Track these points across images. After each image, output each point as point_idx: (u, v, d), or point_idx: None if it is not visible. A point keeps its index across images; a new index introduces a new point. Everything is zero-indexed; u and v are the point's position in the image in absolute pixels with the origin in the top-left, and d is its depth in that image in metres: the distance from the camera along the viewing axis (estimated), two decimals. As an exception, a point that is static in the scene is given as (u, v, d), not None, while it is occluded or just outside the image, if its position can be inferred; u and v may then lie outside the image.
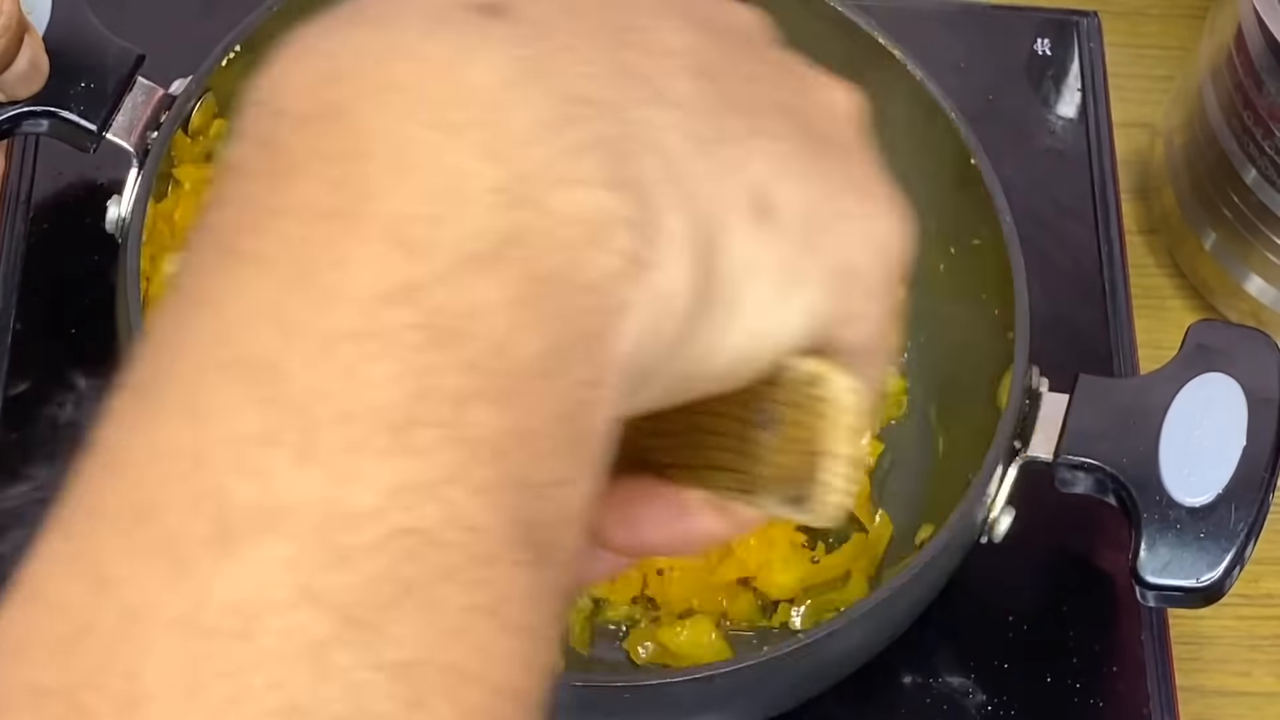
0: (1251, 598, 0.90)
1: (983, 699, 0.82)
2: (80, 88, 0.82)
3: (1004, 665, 0.83)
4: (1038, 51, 1.01)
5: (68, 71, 0.81)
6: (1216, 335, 0.79)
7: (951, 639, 0.83)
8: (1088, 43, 1.01)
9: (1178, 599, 0.75)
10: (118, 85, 0.82)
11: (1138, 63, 1.06)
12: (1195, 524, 0.75)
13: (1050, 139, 0.98)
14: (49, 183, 0.90)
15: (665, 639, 0.80)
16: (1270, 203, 0.90)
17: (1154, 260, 1.00)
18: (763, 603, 0.83)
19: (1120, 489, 0.76)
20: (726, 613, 0.83)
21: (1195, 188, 0.95)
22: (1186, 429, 0.76)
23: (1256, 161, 0.89)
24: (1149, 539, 0.75)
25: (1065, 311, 0.92)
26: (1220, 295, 0.96)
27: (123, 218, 0.79)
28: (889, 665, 0.80)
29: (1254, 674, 0.88)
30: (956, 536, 0.75)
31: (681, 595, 0.81)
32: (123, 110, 0.82)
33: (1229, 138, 0.91)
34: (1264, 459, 0.75)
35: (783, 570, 0.82)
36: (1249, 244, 0.93)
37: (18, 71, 0.79)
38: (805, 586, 0.83)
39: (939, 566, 0.76)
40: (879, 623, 0.75)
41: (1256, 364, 0.78)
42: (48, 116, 0.81)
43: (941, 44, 0.99)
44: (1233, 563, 0.74)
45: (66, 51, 0.82)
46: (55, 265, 0.88)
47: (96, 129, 0.81)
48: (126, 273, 0.77)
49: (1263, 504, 0.75)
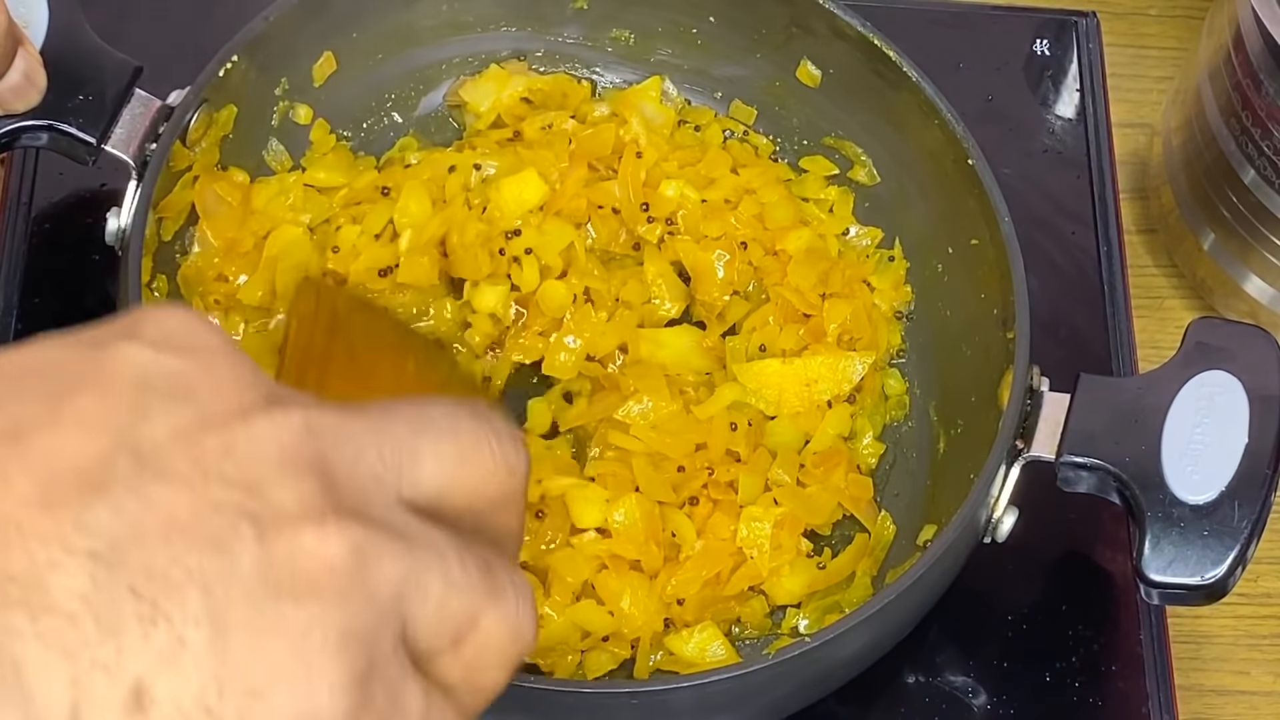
0: (1250, 597, 0.90)
1: (983, 698, 0.82)
2: (78, 100, 0.82)
3: (1004, 664, 0.83)
4: (1037, 52, 1.01)
5: (66, 85, 0.81)
6: (1216, 333, 0.79)
7: (951, 638, 0.83)
8: (1087, 43, 1.01)
9: (1182, 597, 0.75)
10: (116, 97, 0.82)
11: (1136, 63, 1.06)
12: (1198, 522, 0.75)
13: (1049, 139, 0.98)
14: (50, 188, 0.90)
15: (674, 646, 0.80)
16: (1268, 203, 0.90)
17: (1153, 260, 1.00)
18: (771, 609, 0.83)
19: (1123, 488, 0.76)
20: (737, 620, 0.83)
21: (1194, 188, 0.95)
22: (1188, 427, 0.76)
23: (1255, 162, 0.89)
24: (1153, 537, 0.75)
25: (1064, 311, 0.92)
26: (1219, 295, 0.96)
27: (122, 229, 0.80)
28: (890, 664, 0.80)
29: (1252, 673, 0.88)
30: (960, 537, 0.75)
31: (696, 609, 0.81)
32: (121, 123, 0.82)
33: (1227, 138, 0.91)
34: (1266, 456, 0.75)
35: (790, 576, 0.83)
36: (1247, 244, 0.93)
37: (10, 84, 0.79)
38: (812, 591, 0.83)
39: (943, 567, 0.76)
40: (884, 625, 0.75)
41: (1257, 361, 0.77)
42: (46, 130, 0.81)
43: (941, 44, 0.99)
44: (1236, 560, 0.74)
45: (64, 65, 0.82)
46: (56, 269, 0.88)
47: (95, 141, 0.81)
48: (128, 284, 0.78)
49: (1266, 501, 0.75)
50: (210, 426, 0.40)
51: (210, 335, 0.42)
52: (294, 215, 0.88)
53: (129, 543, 0.38)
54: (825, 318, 0.88)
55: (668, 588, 0.81)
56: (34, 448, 0.39)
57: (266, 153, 0.90)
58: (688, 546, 0.82)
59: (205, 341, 0.42)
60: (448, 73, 0.94)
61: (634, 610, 0.80)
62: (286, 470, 0.40)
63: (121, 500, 0.38)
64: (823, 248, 0.90)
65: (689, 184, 0.90)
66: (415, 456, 0.43)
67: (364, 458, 0.42)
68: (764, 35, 0.93)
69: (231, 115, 0.86)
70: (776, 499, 0.83)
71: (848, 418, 0.87)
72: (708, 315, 0.89)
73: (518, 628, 0.44)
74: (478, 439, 0.45)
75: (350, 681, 0.39)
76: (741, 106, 0.95)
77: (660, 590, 0.81)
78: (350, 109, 0.92)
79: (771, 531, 0.82)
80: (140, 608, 0.37)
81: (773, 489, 0.84)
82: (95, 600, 0.37)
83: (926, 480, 0.86)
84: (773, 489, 0.84)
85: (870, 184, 0.93)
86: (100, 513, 0.38)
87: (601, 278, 0.88)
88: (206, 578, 0.38)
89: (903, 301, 0.90)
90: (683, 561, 0.81)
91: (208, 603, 0.38)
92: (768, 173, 0.92)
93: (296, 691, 0.39)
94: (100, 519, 0.38)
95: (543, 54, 0.95)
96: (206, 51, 0.84)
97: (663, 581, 0.81)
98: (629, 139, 0.91)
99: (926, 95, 0.86)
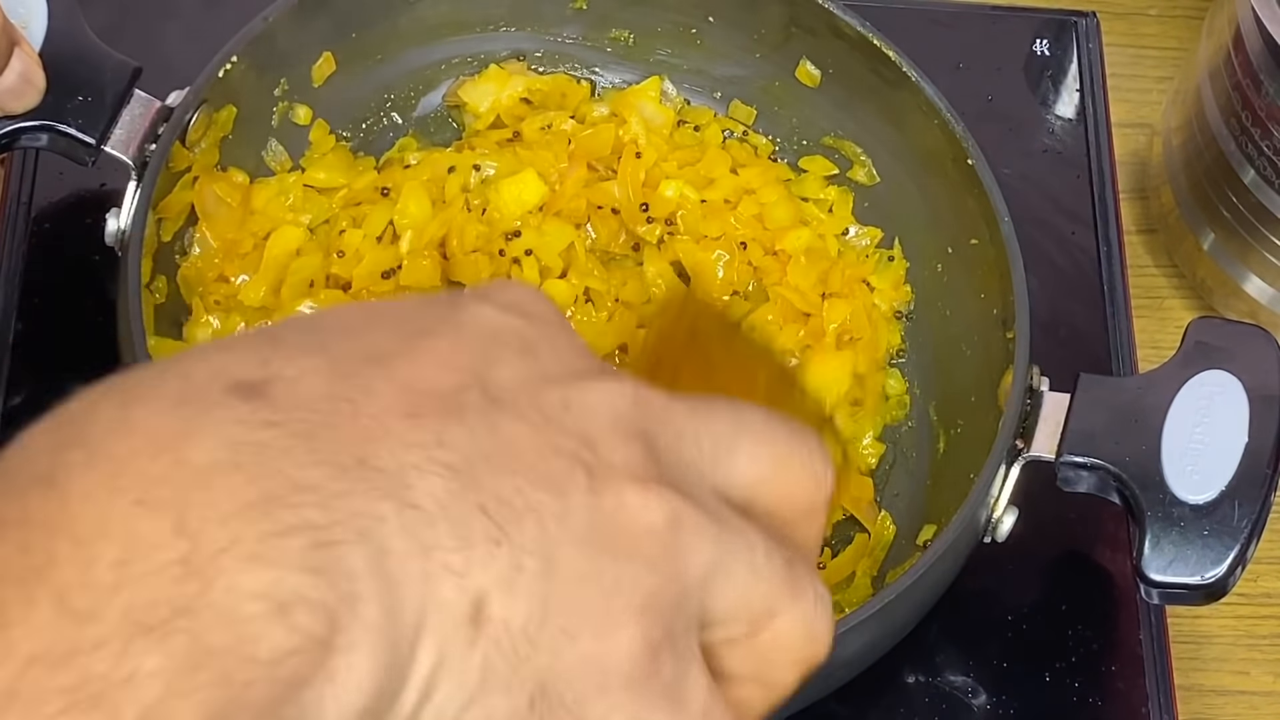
0: (1250, 597, 0.90)
1: (983, 698, 0.82)
2: (78, 101, 0.81)
3: (1004, 664, 0.83)
4: (1036, 52, 1.01)
5: (65, 85, 0.81)
6: (1216, 332, 0.79)
7: (951, 638, 0.83)
8: (1086, 43, 1.01)
9: (1182, 596, 0.75)
10: (115, 98, 0.82)
11: (1136, 63, 1.06)
12: (1199, 521, 0.75)
13: (1049, 139, 0.98)
14: (50, 188, 0.90)
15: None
16: (1268, 203, 0.90)
17: (1152, 260, 1.00)
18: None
19: (1123, 487, 0.76)
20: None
21: (1194, 188, 0.95)
22: (1188, 426, 0.76)
23: (1255, 162, 0.89)
24: (1153, 537, 0.75)
25: (1064, 312, 0.92)
26: (1218, 295, 0.96)
27: (122, 229, 0.80)
28: (890, 664, 0.80)
29: (1252, 673, 0.88)
30: (960, 537, 0.75)
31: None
32: (120, 123, 0.82)
33: (1227, 138, 0.91)
34: (1266, 456, 0.75)
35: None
36: (1247, 244, 0.93)
37: (7, 85, 0.79)
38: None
39: (943, 567, 0.76)
40: (884, 625, 0.75)
41: (1257, 360, 0.77)
42: (46, 131, 0.81)
43: (940, 44, 0.99)
44: (1237, 559, 0.74)
45: (63, 65, 0.82)
46: (56, 270, 0.88)
47: (95, 142, 0.81)
48: (128, 285, 0.78)
49: (1266, 500, 0.75)
50: (551, 381, 0.42)
51: (552, 309, 0.45)
52: (294, 216, 0.88)
53: (481, 465, 0.40)
54: (825, 318, 0.88)
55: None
56: (395, 370, 0.41)
57: (266, 153, 0.90)
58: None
59: (546, 313, 0.45)
60: (447, 73, 0.94)
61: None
62: (617, 433, 0.42)
63: (475, 426, 0.40)
64: (822, 247, 0.90)
65: (688, 184, 0.90)
66: (731, 453, 0.45)
67: (684, 441, 0.44)
68: (763, 35, 0.93)
69: (231, 116, 0.86)
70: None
71: (849, 421, 0.87)
72: (708, 315, 0.89)
73: (814, 630, 0.45)
74: (792, 448, 0.46)
75: (643, 648, 0.41)
76: (741, 106, 0.95)
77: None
78: (350, 109, 0.92)
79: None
80: (488, 527, 0.39)
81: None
82: (451, 509, 0.39)
83: (926, 480, 0.86)
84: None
85: (870, 184, 0.93)
86: (458, 432, 0.40)
87: (601, 278, 0.88)
88: (543, 513, 0.40)
89: (902, 301, 0.90)
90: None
91: (542, 537, 0.40)
92: (767, 173, 0.92)
93: (597, 641, 0.40)
94: (458, 437, 0.40)
95: (542, 54, 0.95)
96: (206, 52, 0.84)
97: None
98: (628, 139, 0.91)
99: (926, 95, 0.86)
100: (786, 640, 0.44)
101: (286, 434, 0.38)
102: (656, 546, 0.41)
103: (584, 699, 0.40)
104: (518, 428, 0.41)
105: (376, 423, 0.39)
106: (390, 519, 0.38)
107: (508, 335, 0.43)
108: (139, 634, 0.34)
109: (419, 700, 0.39)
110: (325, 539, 0.37)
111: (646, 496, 0.41)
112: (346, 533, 0.37)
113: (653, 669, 0.41)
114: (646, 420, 0.43)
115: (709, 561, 0.42)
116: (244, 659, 0.35)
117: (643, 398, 0.43)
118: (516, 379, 0.42)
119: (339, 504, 0.37)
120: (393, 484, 0.38)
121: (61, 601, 0.35)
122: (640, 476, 0.42)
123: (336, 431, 0.39)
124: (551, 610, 0.40)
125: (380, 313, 0.44)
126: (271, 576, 0.36)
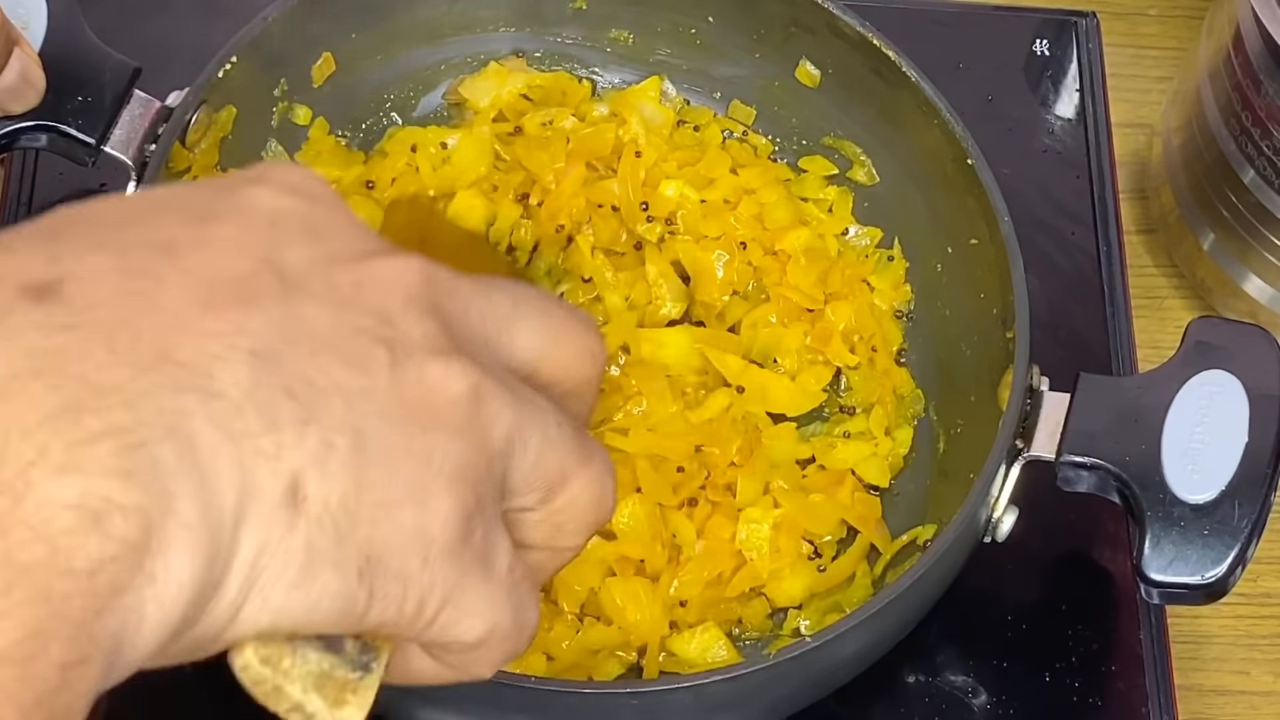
0: (1250, 597, 0.90)
1: (983, 698, 0.82)
2: (78, 102, 0.82)
3: (1004, 664, 0.83)
4: (1036, 52, 1.01)
5: (65, 86, 0.81)
6: (1216, 332, 0.79)
7: (951, 638, 0.83)
8: (1086, 43, 1.01)
9: (1182, 596, 0.75)
10: (115, 98, 0.82)
11: (1136, 63, 1.06)
12: (1199, 521, 0.75)
13: (1049, 139, 0.98)
14: (50, 188, 0.90)
15: (676, 647, 0.80)
16: (1268, 203, 0.90)
17: (1152, 260, 1.00)
18: (772, 610, 0.83)
19: (1123, 487, 0.76)
20: (739, 622, 0.83)
21: (1193, 188, 0.95)
22: (1188, 426, 0.76)
23: (1254, 162, 0.89)
24: (1153, 536, 0.75)
25: (1064, 311, 0.92)
26: (1218, 295, 0.96)
27: (122, 230, 0.80)
28: (890, 664, 0.80)
29: (1252, 673, 0.88)
30: (960, 537, 0.75)
31: (698, 611, 0.81)
32: (120, 124, 0.82)
33: (1227, 138, 0.91)
34: (1266, 455, 0.75)
35: (791, 579, 0.82)
36: (1247, 244, 0.93)
37: (7, 85, 0.79)
38: (812, 593, 0.83)
39: (943, 567, 0.76)
40: (884, 625, 0.75)
41: (1257, 360, 0.77)
42: (46, 131, 0.81)
43: (940, 44, 0.99)
44: (1237, 559, 0.74)
45: (63, 66, 0.82)
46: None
47: (95, 143, 0.81)
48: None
49: (1266, 500, 0.75)
50: (341, 261, 0.43)
51: (328, 190, 0.45)
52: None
53: (283, 348, 0.40)
54: (832, 320, 0.88)
55: (671, 590, 0.81)
56: (186, 259, 0.41)
57: (266, 153, 0.90)
58: (688, 548, 0.82)
59: (324, 194, 0.45)
60: (447, 73, 0.94)
61: (639, 619, 0.80)
62: (411, 308, 0.43)
63: (272, 310, 0.40)
64: (822, 247, 0.90)
65: (688, 184, 0.90)
66: (513, 326, 0.46)
67: (471, 315, 0.45)
68: (763, 35, 0.93)
69: (231, 116, 0.86)
70: (776, 501, 0.83)
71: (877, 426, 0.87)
72: (707, 315, 0.89)
73: (602, 493, 0.46)
74: (568, 323, 0.48)
75: (459, 515, 0.42)
76: (741, 106, 0.95)
77: (664, 594, 0.80)
78: (349, 109, 0.92)
79: (770, 534, 0.82)
80: (295, 409, 0.39)
81: (773, 491, 0.84)
82: (257, 395, 0.39)
83: (926, 480, 0.86)
84: (773, 491, 0.84)
85: (869, 184, 0.93)
86: (255, 317, 0.40)
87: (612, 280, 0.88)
88: (347, 391, 0.40)
89: (902, 301, 0.90)
90: (684, 563, 0.81)
91: (349, 414, 0.40)
92: (767, 173, 0.92)
93: (416, 511, 0.41)
94: (257, 323, 0.40)
95: (542, 54, 0.95)
96: (206, 52, 0.84)
97: (666, 584, 0.81)
98: (628, 139, 0.91)
99: (926, 95, 0.86)
100: (578, 505, 0.46)
101: (84, 336, 0.38)
102: (461, 416, 0.42)
103: (408, 568, 0.41)
104: (315, 309, 0.41)
105: (174, 316, 0.39)
106: (196, 411, 0.38)
107: (292, 218, 0.43)
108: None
109: (243, 585, 0.39)
110: (133, 440, 0.37)
111: (448, 368, 0.42)
112: (154, 431, 0.37)
113: (467, 537, 0.42)
114: (437, 295, 0.44)
115: (509, 430, 0.43)
116: (60, 572, 0.35)
117: (431, 274, 0.44)
118: (307, 261, 0.42)
119: (143, 402, 0.37)
120: (195, 376, 0.38)
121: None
122: (439, 349, 0.43)
123: (134, 328, 0.38)
124: (366, 484, 0.40)
125: (160, 200, 0.43)
126: (82, 485, 0.36)
